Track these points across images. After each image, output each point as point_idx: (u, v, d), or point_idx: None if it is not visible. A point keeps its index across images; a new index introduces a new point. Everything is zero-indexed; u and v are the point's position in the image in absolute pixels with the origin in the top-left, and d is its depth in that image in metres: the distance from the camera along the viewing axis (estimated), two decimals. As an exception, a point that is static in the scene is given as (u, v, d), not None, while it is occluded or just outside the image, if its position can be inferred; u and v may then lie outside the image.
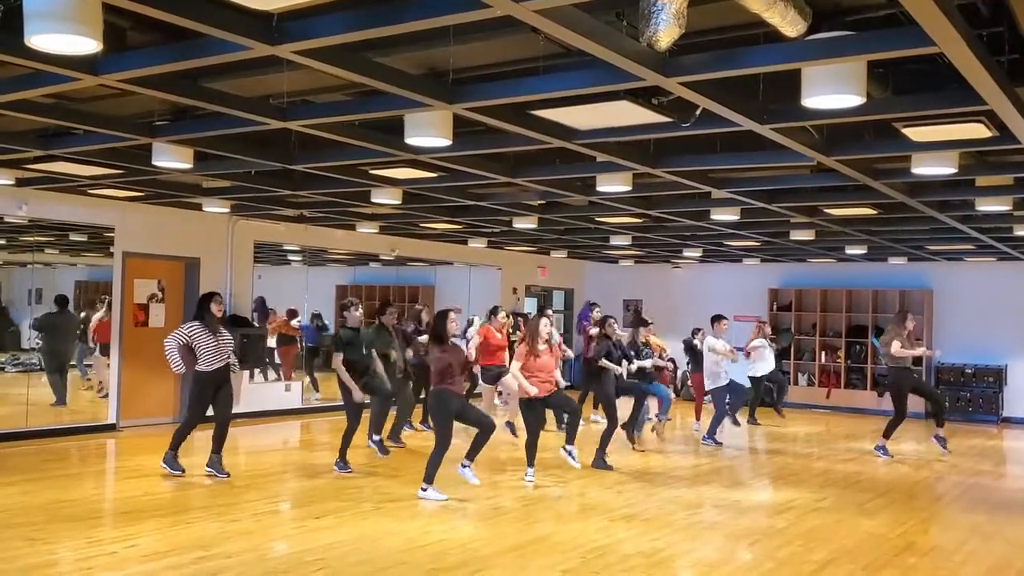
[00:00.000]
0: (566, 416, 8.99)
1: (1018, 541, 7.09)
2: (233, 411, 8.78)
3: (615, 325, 10.15)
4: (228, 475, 8.49)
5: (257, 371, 13.55)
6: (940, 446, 11.26)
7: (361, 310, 9.34)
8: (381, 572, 5.69)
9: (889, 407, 11.47)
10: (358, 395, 8.85)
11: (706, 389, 11.91)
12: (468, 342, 11.03)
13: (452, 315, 8.04)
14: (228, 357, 8.52)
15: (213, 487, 8.20)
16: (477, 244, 15.83)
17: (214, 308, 8.49)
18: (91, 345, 12.19)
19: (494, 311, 11.17)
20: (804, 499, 8.38)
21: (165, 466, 8.51)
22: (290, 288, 15.30)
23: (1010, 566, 6.32)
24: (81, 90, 5.88)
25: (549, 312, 12.65)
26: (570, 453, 9.00)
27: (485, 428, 7.96)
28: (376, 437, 9.56)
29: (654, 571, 5.88)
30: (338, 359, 8.89)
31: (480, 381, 11.12)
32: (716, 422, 11.74)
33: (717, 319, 12.02)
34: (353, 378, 8.89)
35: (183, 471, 8.49)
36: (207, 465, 8.53)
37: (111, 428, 11.42)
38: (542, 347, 8.57)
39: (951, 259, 15.92)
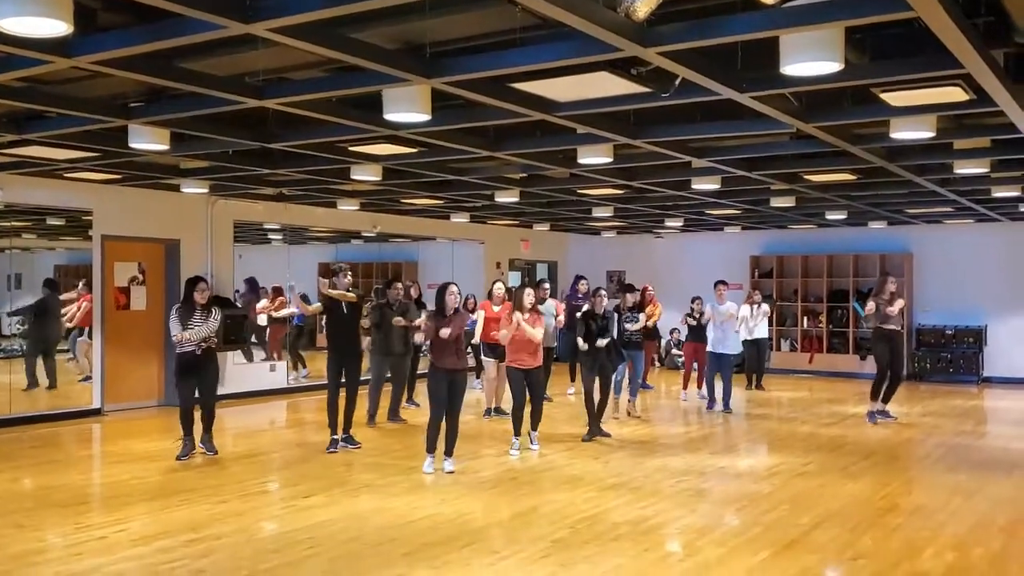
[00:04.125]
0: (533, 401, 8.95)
1: (1000, 498, 7.19)
2: (219, 392, 8.82)
3: (603, 297, 10.13)
4: (216, 452, 8.64)
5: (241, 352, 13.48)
6: (882, 416, 11.00)
7: (350, 276, 9.24)
8: (371, 548, 5.72)
9: (871, 370, 11.56)
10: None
11: (718, 352, 11.88)
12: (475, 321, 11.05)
13: (453, 288, 7.99)
14: (205, 342, 8.51)
15: (201, 469, 8.21)
16: (459, 219, 15.78)
17: (196, 296, 8.51)
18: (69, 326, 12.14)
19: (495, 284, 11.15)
20: (789, 464, 8.47)
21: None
22: (272, 267, 15.23)
23: (992, 523, 6.42)
24: (54, 73, 5.80)
25: (546, 285, 12.66)
26: (531, 438, 9.06)
27: (452, 417, 7.93)
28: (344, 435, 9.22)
29: (643, 539, 5.93)
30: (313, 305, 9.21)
31: (483, 356, 11.12)
32: (728, 392, 11.83)
33: (716, 285, 12.14)
34: (335, 346, 8.98)
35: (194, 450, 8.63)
36: (199, 442, 8.68)
37: (96, 412, 11.38)
38: (526, 316, 8.71)
39: (930, 222, 16.02)
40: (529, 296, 8.83)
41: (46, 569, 5.30)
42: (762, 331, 14.01)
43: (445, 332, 7.74)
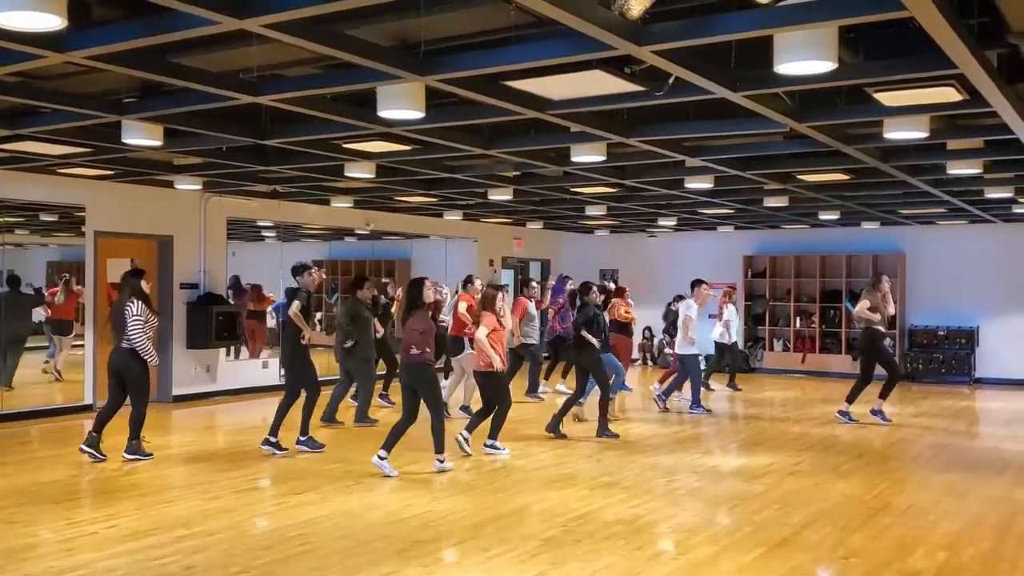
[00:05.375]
0: (481, 407, 8.74)
1: (992, 498, 7.21)
2: (211, 388, 8.73)
3: (596, 291, 10.14)
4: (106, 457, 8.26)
5: (234, 348, 13.45)
6: (879, 419, 10.97)
7: (315, 274, 9.14)
8: (363, 546, 5.71)
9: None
10: (308, 332, 8.67)
11: (678, 353, 11.87)
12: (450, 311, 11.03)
13: (428, 282, 7.92)
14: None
15: (192, 466, 8.20)
16: (453, 217, 15.78)
17: (144, 287, 8.28)
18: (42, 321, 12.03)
19: (469, 280, 11.08)
20: (781, 463, 8.48)
21: (127, 455, 8.25)
22: (265, 264, 15.20)
23: (984, 523, 6.43)
24: (47, 68, 5.79)
25: (535, 283, 12.65)
26: (467, 442, 8.67)
27: (406, 419, 7.77)
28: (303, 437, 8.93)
29: (635, 537, 5.94)
30: (295, 306, 8.63)
31: (451, 356, 11.04)
32: (696, 390, 11.78)
33: (696, 284, 12.04)
34: (307, 348, 8.80)
35: (151, 455, 8.35)
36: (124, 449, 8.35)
37: (88, 408, 11.34)
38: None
39: (923, 223, 16.06)
40: (500, 301, 8.62)
41: (38, 564, 5.29)
42: (735, 332, 14.04)
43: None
